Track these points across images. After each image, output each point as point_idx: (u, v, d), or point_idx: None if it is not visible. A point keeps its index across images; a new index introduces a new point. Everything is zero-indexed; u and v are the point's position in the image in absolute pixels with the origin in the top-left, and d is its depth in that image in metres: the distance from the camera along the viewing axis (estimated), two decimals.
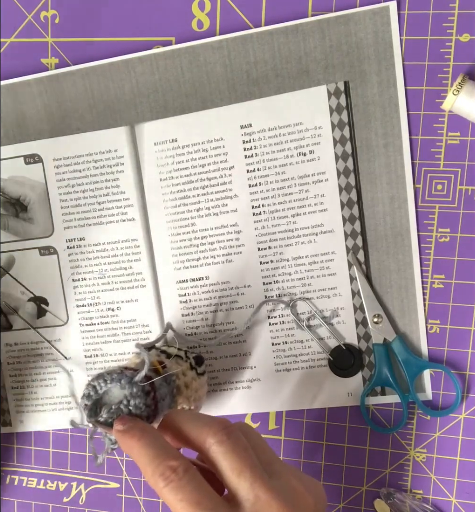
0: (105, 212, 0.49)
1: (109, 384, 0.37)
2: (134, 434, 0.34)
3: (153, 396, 0.37)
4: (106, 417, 0.36)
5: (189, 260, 0.49)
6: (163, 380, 0.39)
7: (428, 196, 0.46)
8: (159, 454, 0.32)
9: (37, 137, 0.50)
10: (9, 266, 0.51)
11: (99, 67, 0.48)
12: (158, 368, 0.40)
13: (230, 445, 0.32)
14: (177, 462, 0.32)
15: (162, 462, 0.32)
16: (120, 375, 0.37)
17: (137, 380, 0.36)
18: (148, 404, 0.36)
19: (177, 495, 0.31)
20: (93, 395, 0.37)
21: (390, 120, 0.46)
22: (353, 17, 0.45)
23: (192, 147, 0.48)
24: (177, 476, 0.31)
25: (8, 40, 0.50)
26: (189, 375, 0.43)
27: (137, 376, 0.37)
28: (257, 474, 0.32)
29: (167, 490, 0.31)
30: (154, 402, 0.37)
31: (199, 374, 0.44)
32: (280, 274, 0.48)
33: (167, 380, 0.40)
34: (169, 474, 0.31)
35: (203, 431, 0.33)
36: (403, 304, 0.47)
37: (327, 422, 0.49)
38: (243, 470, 0.32)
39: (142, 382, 0.37)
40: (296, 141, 0.47)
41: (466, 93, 0.43)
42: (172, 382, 0.40)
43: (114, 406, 0.36)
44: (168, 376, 0.40)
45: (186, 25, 0.48)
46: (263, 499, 0.31)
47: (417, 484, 0.48)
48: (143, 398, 0.36)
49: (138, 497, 0.52)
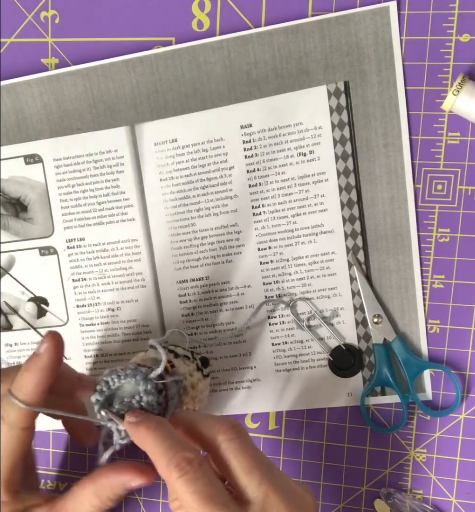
0: (105, 212, 0.49)
1: (122, 379, 0.37)
2: (150, 426, 0.34)
3: (165, 394, 0.37)
4: (118, 408, 0.36)
5: (189, 260, 0.49)
6: (172, 380, 0.39)
7: (428, 196, 0.46)
8: (174, 445, 0.32)
9: (37, 137, 0.50)
10: (9, 266, 0.51)
11: (99, 67, 0.48)
12: (167, 366, 0.40)
13: (240, 443, 0.33)
14: (193, 454, 0.32)
15: (178, 452, 0.32)
16: (134, 371, 0.37)
17: (152, 377, 0.37)
18: (160, 402, 0.37)
19: (190, 487, 0.31)
20: (105, 391, 0.37)
21: (390, 120, 0.46)
22: (353, 17, 0.45)
23: (192, 147, 0.48)
24: (192, 468, 0.31)
25: (8, 40, 0.50)
26: (195, 376, 0.43)
27: (152, 373, 0.37)
28: (266, 473, 0.32)
29: (181, 481, 0.31)
30: (165, 401, 0.37)
31: (205, 375, 0.45)
32: (280, 274, 0.48)
33: (175, 380, 0.40)
34: (185, 465, 0.31)
35: (214, 429, 0.34)
36: (403, 304, 0.47)
37: (327, 422, 0.49)
38: (252, 468, 0.32)
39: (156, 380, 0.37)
40: (296, 141, 0.47)
41: (466, 93, 0.43)
42: (179, 382, 0.41)
43: (126, 399, 0.36)
44: (179, 375, 0.40)
45: (186, 25, 0.48)
46: (272, 498, 0.32)
47: (417, 484, 0.48)
48: (156, 395, 0.36)
49: (138, 497, 0.52)
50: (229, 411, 0.50)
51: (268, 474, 0.33)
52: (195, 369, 0.43)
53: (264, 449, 0.50)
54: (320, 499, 0.49)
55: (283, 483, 0.33)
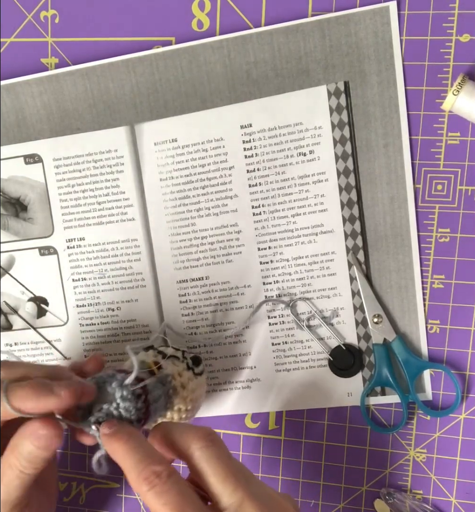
0: (105, 212, 0.49)
1: (101, 385, 0.37)
2: (120, 438, 0.34)
3: (145, 399, 0.37)
4: (97, 416, 0.36)
5: (189, 260, 0.49)
6: (158, 382, 0.39)
7: (428, 196, 0.46)
8: (144, 458, 0.32)
9: (37, 137, 0.50)
10: (9, 266, 0.51)
11: (99, 67, 0.48)
12: (153, 369, 0.40)
13: (214, 451, 0.33)
14: (161, 466, 0.32)
15: (146, 466, 0.32)
16: (111, 378, 0.37)
17: (127, 383, 0.36)
18: (139, 407, 0.36)
19: (160, 500, 0.31)
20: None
21: (390, 120, 0.46)
22: (353, 17, 0.45)
23: (192, 147, 0.48)
24: (161, 480, 0.31)
25: (8, 40, 0.50)
26: (185, 376, 0.43)
27: (127, 379, 0.37)
28: (240, 480, 0.32)
29: (151, 494, 0.31)
30: (145, 405, 0.37)
31: (196, 374, 0.44)
32: (280, 274, 0.48)
33: (162, 381, 0.40)
34: (153, 478, 0.31)
35: (188, 437, 0.34)
36: (403, 304, 0.47)
37: (327, 422, 0.49)
38: (227, 475, 0.32)
39: (134, 384, 0.37)
40: (296, 141, 0.47)
41: (466, 93, 0.43)
42: (167, 383, 0.40)
43: (104, 407, 0.36)
44: (164, 377, 0.40)
45: (186, 25, 0.48)
46: (247, 504, 0.32)
47: (417, 484, 0.48)
48: (133, 401, 0.36)
49: (138, 497, 0.52)
50: (229, 411, 0.50)
51: (243, 481, 0.32)
52: (185, 369, 0.43)
53: (264, 449, 0.50)
54: (320, 499, 0.50)
55: (260, 490, 0.33)
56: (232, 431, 0.50)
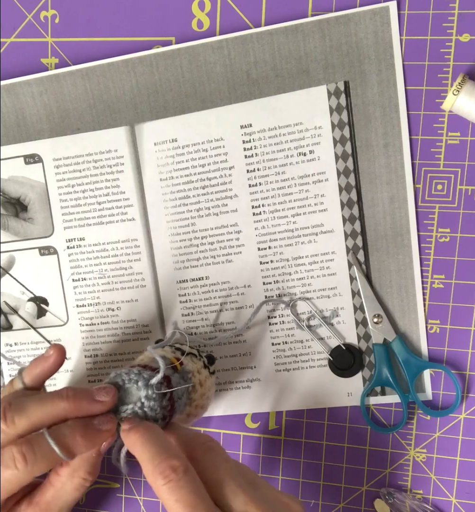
0: (105, 212, 0.49)
1: (127, 384, 0.37)
2: (138, 430, 0.34)
3: (170, 397, 0.37)
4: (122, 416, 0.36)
5: (189, 260, 0.49)
6: (181, 378, 0.39)
7: (428, 196, 0.46)
8: (161, 452, 0.32)
9: (37, 137, 0.50)
10: (9, 266, 0.51)
11: (99, 67, 0.48)
12: (176, 364, 0.40)
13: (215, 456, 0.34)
14: (178, 461, 0.32)
15: (163, 460, 0.32)
16: (137, 376, 0.37)
17: (153, 383, 0.36)
18: (164, 405, 0.37)
19: (174, 496, 0.31)
20: None
21: (390, 120, 0.46)
22: (353, 17, 0.45)
23: (192, 147, 0.48)
24: (177, 476, 0.31)
25: (8, 40, 0.50)
26: (203, 373, 0.43)
27: (154, 379, 0.37)
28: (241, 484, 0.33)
29: (165, 489, 0.31)
30: (170, 403, 0.37)
31: (211, 373, 0.45)
32: (280, 274, 0.48)
33: (184, 378, 0.40)
34: (169, 473, 0.31)
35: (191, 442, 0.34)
36: (403, 304, 0.47)
37: (327, 422, 0.49)
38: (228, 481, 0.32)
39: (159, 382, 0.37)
40: (296, 141, 0.47)
41: (466, 93, 0.43)
42: (188, 380, 0.40)
43: (130, 407, 0.36)
44: (185, 373, 0.40)
45: (186, 25, 0.48)
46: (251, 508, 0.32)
47: (417, 484, 0.48)
48: (158, 400, 0.36)
49: (138, 497, 0.52)
50: (229, 411, 0.50)
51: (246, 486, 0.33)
52: (202, 367, 0.44)
53: (264, 449, 0.50)
54: (320, 499, 0.50)
55: (265, 493, 0.33)
56: (232, 431, 0.50)
